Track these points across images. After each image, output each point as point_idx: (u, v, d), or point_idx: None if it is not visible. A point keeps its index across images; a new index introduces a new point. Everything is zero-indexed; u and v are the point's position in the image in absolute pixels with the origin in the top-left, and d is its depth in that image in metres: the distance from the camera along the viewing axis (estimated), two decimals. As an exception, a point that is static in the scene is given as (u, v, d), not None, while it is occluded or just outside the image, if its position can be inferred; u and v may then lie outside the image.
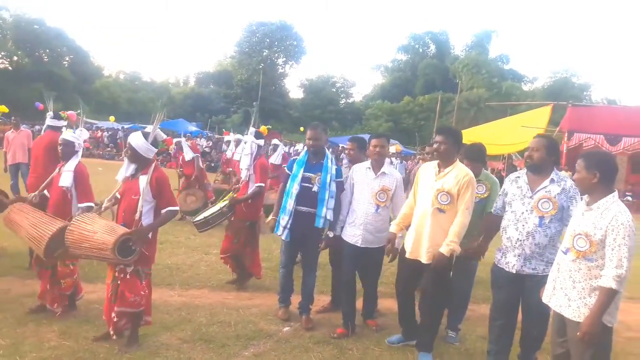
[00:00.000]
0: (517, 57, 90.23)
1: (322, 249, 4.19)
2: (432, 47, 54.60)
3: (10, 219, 3.80)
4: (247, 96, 46.95)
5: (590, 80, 63.84)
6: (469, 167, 3.60)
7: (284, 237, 4.12)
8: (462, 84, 43.00)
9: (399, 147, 28.13)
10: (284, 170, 4.47)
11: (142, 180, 3.38)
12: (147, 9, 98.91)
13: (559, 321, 2.75)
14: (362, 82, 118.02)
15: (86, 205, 3.76)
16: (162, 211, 3.42)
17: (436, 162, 3.61)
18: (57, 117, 5.08)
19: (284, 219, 4.07)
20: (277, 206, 4.21)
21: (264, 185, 5.02)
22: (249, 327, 4.00)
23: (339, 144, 24.78)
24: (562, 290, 2.67)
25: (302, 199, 4.03)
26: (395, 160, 22.67)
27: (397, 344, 3.83)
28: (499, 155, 18.52)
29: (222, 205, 4.97)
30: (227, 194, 5.44)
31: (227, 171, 9.63)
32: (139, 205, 3.33)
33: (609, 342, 2.61)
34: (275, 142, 9.08)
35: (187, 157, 8.98)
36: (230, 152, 9.89)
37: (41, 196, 4.04)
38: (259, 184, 4.90)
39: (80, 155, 3.97)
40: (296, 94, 55.53)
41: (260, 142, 5.18)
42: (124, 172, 3.53)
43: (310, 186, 4.05)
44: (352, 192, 4.08)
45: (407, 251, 3.60)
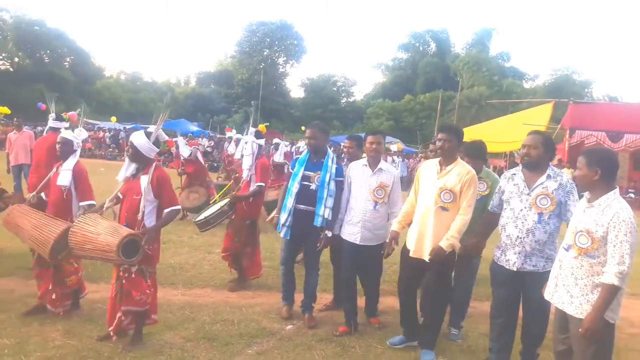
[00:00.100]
0: (517, 54, 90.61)
1: (321, 249, 4.18)
2: (433, 45, 54.52)
3: (11, 221, 3.80)
4: (248, 96, 46.97)
5: (591, 77, 63.46)
6: (469, 165, 3.60)
7: (283, 235, 4.14)
8: (463, 82, 42.97)
9: (401, 145, 28.15)
10: (288, 167, 4.47)
11: (144, 180, 3.39)
12: (148, 9, 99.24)
13: (561, 318, 2.75)
14: (363, 81, 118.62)
15: (87, 203, 3.77)
16: (165, 211, 3.42)
17: (437, 160, 3.61)
18: (59, 118, 5.12)
19: (284, 217, 4.09)
20: (280, 204, 4.23)
21: (264, 184, 5.04)
22: (252, 325, 4.01)
23: (340, 143, 24.77)
24: (565, 287, 2.67)
25: (301, 198, 4.05)
26: (397, 158, 22.70)
27: (399, 345, 3.81)
28: (501, 153, 18.52)
29: (222, 204, 4.99)
30: (225, 190, 5.44)
31: (229, 168, 9.66)
32: (141, 205, 3.34)
33: (611, 339, 2.61)
34: (276, 141, 9.14)
35: (184, 153, 8.99)
36: (232, 148, 9.94)
37: (39, 198, 4.04)
38: (259, 183, 4.92)
39: (78, 154, 3.98)
40: (297, 93, 55.67)
41: (260, 141, 5.19)
42: (124, 171, 3.54)
43: (309, 184, 4.07)
44: (349, 190, 4.08)
45: (411, 250, 3.60)
